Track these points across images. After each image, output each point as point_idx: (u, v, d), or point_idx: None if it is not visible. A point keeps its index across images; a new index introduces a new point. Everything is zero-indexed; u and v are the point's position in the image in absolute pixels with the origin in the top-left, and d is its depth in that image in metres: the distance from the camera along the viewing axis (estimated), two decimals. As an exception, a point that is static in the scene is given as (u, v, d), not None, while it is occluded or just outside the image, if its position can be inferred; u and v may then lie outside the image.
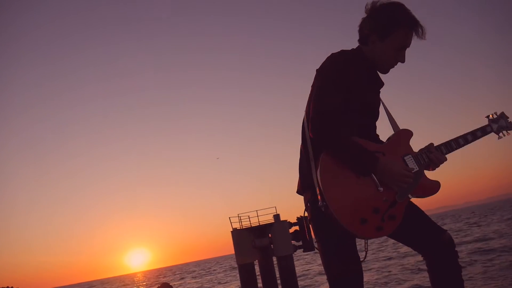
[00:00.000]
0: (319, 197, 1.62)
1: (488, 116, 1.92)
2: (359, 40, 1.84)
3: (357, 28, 1.83)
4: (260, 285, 17.58)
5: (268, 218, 18.45)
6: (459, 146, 1.84)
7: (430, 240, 1.77)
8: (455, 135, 1.89)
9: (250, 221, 18.65)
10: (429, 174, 1.80)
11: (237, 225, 18.57)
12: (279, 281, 17.43)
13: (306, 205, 1.81)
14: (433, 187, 1.77)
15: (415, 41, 1.77)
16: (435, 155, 1.79)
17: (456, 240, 1.75)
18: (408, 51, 1.79)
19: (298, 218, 18.51)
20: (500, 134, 1.90)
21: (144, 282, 69.83)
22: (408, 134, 1.81)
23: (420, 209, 1.84)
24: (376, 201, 1.65)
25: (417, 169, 1.75)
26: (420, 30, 1.74)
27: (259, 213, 18.72)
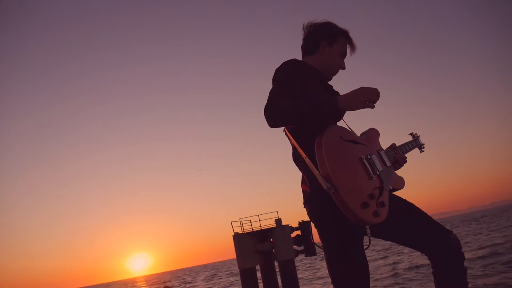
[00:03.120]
0: (323, 183, 1.61)
1: (412, 134, 2.26)
2: (306, 52, 2.01)
3: (301, 45, 2.03)
4: (261, 289, 17.53)
5: (269, 223, 18.38)
6: (407, 151, 2.11)
7: (436, 241, 1.78)
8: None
9: (251, 225, 18.60)
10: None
11: (238, 230, 18.51)
12: (280, 286, 17.37)
13: (311, 210, 1.81)
14: (401, 181, 1.93)
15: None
16: (400, 155, 1.99)
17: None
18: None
19: (300, 223, 18.48)
20: (423, 149, 2.24)
21: (146, 286, 69.75)
22: (377, 132, 1.96)
23: (423, 211, 1.85)
24: (371, 188, 1.71)
25: (390, 164, 1.92)
26: (353, 44, 2.00)
27: (261, 217, 18.65)
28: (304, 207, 1.88)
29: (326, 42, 1.96)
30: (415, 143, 2.21)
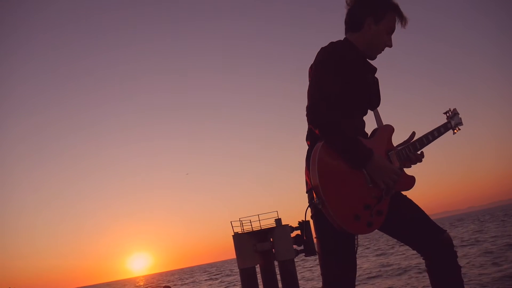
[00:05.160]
0: (314, 194, 1.61)
1: (446, 113, 2.03)
2: (350, 29, 1.88)
3: (345, 19, 1.90)
4: (261, 289, 17.51)
5: (269, 222, 18.43)
6: (429, 142, 1.93)
7: (429, 240, 1.78)
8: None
9: (251, 225, 18.63)
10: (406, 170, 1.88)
11: (238, 229, 18.54)
12: (280, 286, 17.37)
13: (311, 201, 1.78)
14: (410, 182, 1.82)
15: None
16: (415, 155, 1.85)
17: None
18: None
19: (300, 223, 18.47)
20: (456, 130, 2.03)
21: (146, 286, 69.70)
22: (391, 129, 1.85)
23: (420, 209, 1.85)
24: (367, 197, 1.66)
25: (399, 165, 1.80)
26: (404, 18, 1.87)
27: (261, 217, 18.71)
28: (307, 193, 1.85)
29: (372, 19, 1.81)
30: (445, 127, 1.98)
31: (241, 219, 18.94)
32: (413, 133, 1.91)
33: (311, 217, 1.81)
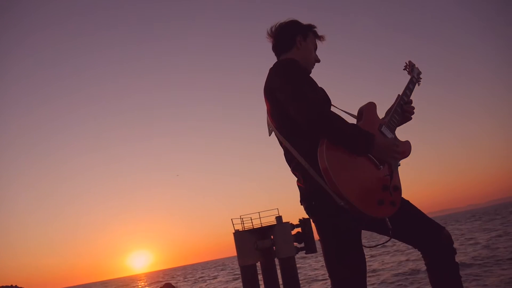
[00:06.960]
0: (329, 191, 1.61)
1: (405, 68, 2.13)
2: (281, 50, 1.98)
3: (272, 46, 2.01)
4: (262, 286, 17.56)
5: (270, 220, 18.41)
6: (407, 98, 2.03)
7: (428, 237, 1.80)
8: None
9: (252, 222, 18.63)
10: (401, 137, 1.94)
11: (239, 227, 18.54)
12: (281, 284, 17.40)
13: (309, 205, 1.78)
14: (408, 147, 1.89)
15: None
16: (406, 110, 1.96)
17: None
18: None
19: (300, 220, 18.48)
20: (419, 81, 2.14)
21: (147, 283, 69.88)
22: (374, 106, 1.90)
23: (416, 207, 1.87)
24: (382, 179, 1.71)
25: (393, 135, 1.86)
26: (321, 36, 2.01)
27: (261, 214, 18.69)
28: (301, 204, 1.85)
29: (301, 37, 1.95)
30: (412, 82, 2.08)
31: (241, 217, 18.96)
32: (398, 96, 2.00)
33: (313, 222, 1.80)
